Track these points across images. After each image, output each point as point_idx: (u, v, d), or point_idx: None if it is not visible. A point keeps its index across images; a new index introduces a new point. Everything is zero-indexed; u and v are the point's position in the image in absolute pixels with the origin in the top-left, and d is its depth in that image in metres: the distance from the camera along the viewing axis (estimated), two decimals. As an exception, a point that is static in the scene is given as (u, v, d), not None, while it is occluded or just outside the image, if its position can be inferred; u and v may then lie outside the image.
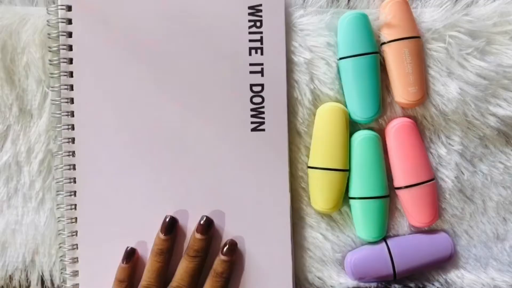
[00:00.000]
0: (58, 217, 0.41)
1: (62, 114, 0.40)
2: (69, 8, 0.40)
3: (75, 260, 0.40)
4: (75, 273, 0.40)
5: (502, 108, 0.41)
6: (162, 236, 0.38)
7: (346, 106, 0.41)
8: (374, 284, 0.41)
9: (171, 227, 0.39)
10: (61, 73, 0.40)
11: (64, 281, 0.41)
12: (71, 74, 0.40)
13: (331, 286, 0.42)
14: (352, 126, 0.41)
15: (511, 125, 0.42)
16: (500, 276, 0.42)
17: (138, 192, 0.40)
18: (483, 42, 0.40)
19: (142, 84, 0.41)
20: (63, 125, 0.40)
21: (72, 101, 0.40)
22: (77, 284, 0.40)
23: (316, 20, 0.41)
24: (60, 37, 0.40)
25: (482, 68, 0.40)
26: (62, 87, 0.40)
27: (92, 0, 0.40)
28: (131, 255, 0.39)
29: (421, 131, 0.42)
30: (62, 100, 0.40)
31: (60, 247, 0.41)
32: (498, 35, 0.40)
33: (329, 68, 0.41)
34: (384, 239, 0.42)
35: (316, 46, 0.41)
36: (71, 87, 0.40)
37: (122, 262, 0.39)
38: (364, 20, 0.40)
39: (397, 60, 0.40)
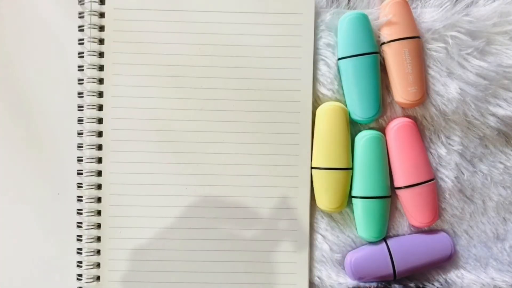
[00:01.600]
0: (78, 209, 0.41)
1: (90, 120, 0.41)
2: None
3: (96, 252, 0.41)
4: (96, 265, 0.41)
5: (502, 108, 0.41)
6: None
7: (346, 106, 0.41)
8: (374, 284, 0.41)
9: None
10: (90, 79, 0.41)
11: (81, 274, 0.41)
12: (100, 81, 0.41)
13: (331, 286, 0.42)
14: (352, 126, 0.42)
15: (511, 125, 0.42)
16: (500, 276, 0.42)
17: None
18: (483, 42, 0.40)
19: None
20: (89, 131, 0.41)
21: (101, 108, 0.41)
22: (98, 277, 0.41)
23: (316, 20, 0.41)
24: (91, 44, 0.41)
25: (482, 68, 0.40)
26: (89, 93, 0.41)
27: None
28: None
29: (421, 131, 0.42)
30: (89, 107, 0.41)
31: (77, 239, 0.41)
32: (498, 35, 0.40)
33: (328, 68, 0.41)
34: (384, 239, 0.42)
35: (315, 46, 0.41)
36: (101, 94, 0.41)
37: None
38: (364, 20, 0.40)
39: (397, 60, 0.40)
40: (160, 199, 0.41)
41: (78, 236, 0.41)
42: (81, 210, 0.41)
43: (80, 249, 0.41)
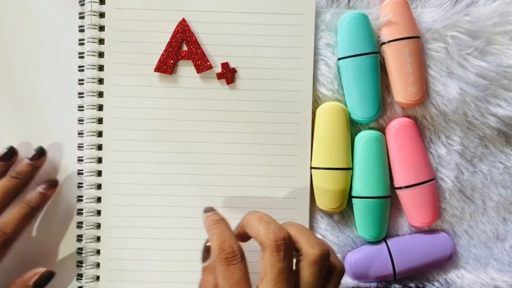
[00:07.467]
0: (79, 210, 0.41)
1: (90, 120, 0.41)
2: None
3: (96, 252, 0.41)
4: (96, 265, 0.41)
5: (502, 108, 0.41)
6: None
7: (346, 106, 0.41)
8: (374, 284, 0.41)
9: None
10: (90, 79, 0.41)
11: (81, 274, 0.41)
12: (100, 81, 0.41)
13: (331, 286, 0.42)
14: (352, 126, 0.42)
15: (511, 125, 0.42)
16: (500, 276, 0.42)
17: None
18: (483, 42, 0.40)
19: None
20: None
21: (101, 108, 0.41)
22: (98, 277, 0.41)
23: (316, 20, 0.41)
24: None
25: (482, 68, 0.40)
26: (89, 93, 0.41)
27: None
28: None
29: (421, 131, 0.42)
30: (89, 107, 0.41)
31: (78, 239, 0.41)
32: (498, 35, 0.40)
33: (328, 68, 0.41)
34: (384, 239, 0.42)
35: (315, 46, 0.41)
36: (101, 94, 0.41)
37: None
38: (364, 20, 0.40)
39: (397, 60, 0.40)
40: (160, 199, 0.41)
41: (78, 236, 0.41)
42: (81, 210, 0.41)
43: (80, 249, 0.41)
